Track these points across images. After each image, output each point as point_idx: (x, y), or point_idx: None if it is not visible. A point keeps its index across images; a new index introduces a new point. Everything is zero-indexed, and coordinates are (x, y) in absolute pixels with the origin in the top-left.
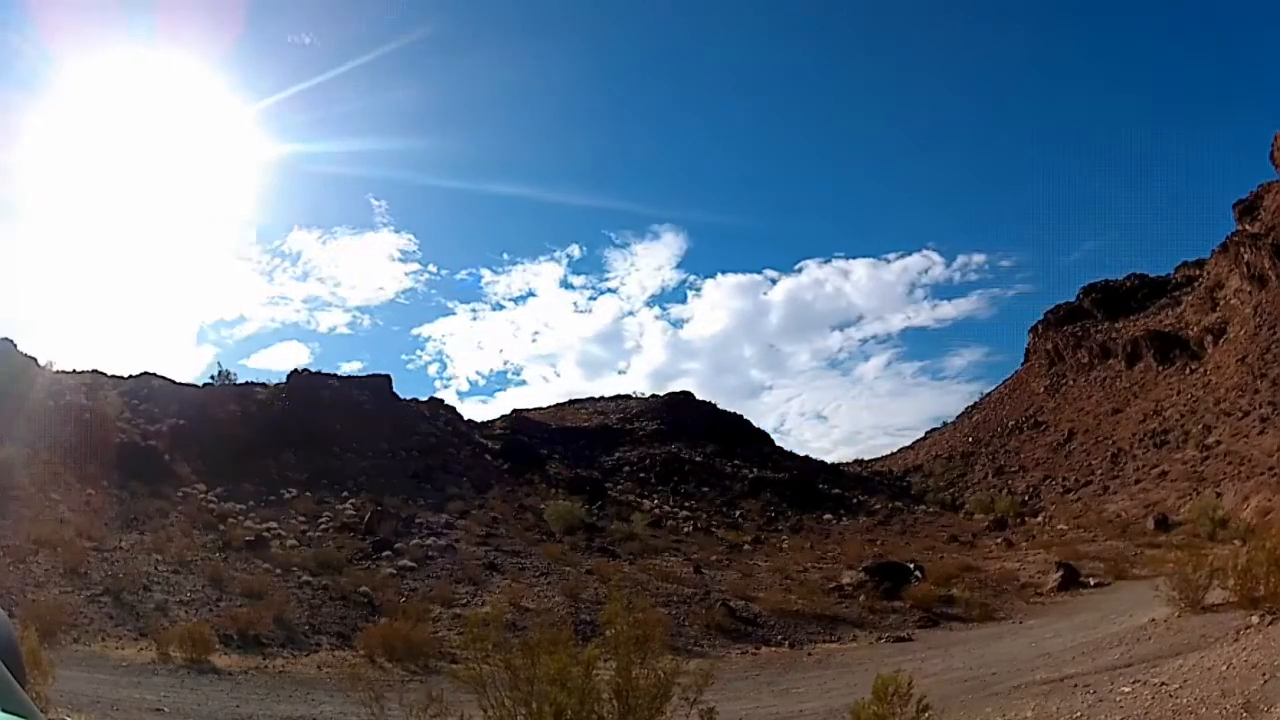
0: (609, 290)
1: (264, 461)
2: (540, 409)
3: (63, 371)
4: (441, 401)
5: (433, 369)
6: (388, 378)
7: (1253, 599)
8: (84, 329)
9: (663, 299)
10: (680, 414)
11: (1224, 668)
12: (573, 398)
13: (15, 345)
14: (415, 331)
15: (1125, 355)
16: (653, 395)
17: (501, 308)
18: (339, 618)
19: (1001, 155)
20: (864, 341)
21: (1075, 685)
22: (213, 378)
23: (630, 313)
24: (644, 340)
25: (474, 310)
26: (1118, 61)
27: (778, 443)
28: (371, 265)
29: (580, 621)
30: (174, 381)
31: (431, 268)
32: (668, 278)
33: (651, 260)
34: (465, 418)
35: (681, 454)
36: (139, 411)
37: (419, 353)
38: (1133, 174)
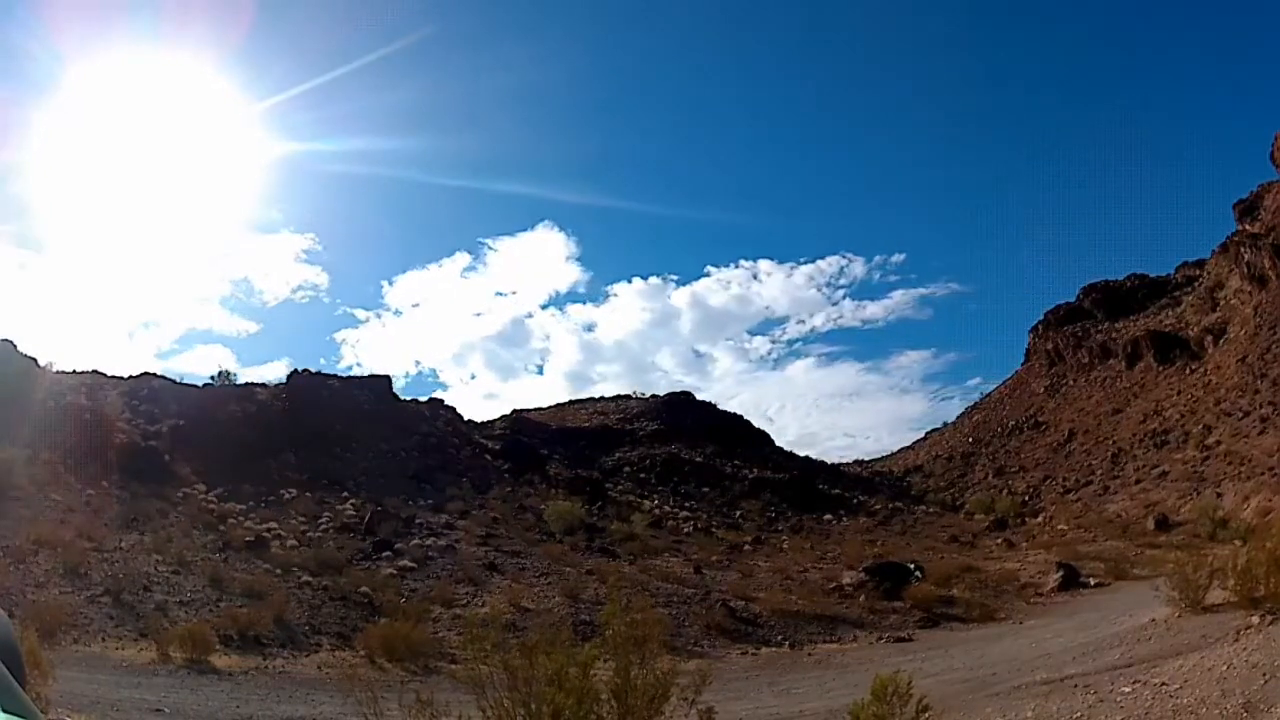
0: (500, 294)
1: (264, 462)
2: (540, 409)
3: (63, 372)
4: (441, 402)
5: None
6: (387, 378)
7: (1253, 599)
8: (82, 329)
9: (558, 301)
10: (680, 414)
11: (1224, 668)
12: (572, 399)
13: (16, 346)
14: (330, 336)
15: (1125, 355)
16: (652, 396)
17: (401, 313)
18: (339, 618)
19: (955, 157)
20: (792, 343)
21: (1075, 685)
22: (213, 378)
23: (529, 314)
24: (553, 343)
25: (378, 315)
26: (1116, 61)
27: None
28: (280, 268)
29: (580, 622)
30: (174, 382)
31: (330, 278)
32: (561, 280)
33: (541, 262)
34: (465, 418)
35: (681, 454)
36: (139, 412)
37: (334, 357)
38: (1132, 174)
